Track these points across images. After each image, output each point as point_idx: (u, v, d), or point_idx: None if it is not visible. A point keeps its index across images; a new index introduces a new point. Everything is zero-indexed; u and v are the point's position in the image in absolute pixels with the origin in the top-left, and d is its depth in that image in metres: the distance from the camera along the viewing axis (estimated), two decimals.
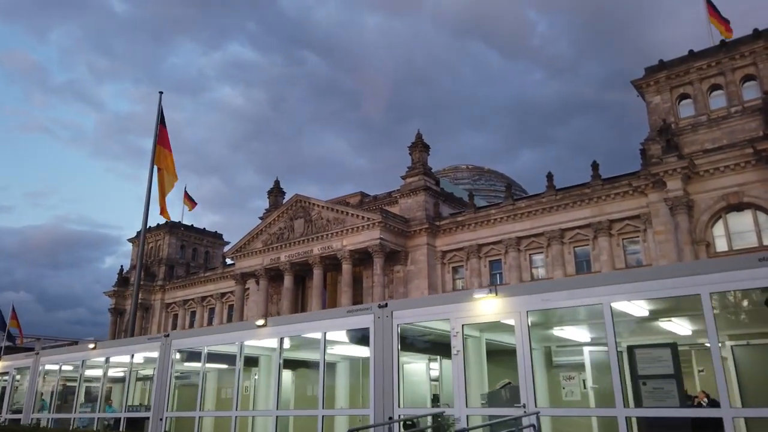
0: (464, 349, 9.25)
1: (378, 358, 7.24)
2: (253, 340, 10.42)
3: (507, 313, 7.42)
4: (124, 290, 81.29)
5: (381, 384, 7.18)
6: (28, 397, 15.75)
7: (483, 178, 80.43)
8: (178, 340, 10.86)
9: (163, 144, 33.21)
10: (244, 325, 11.11)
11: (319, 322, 9.03)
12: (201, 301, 74.36)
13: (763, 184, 41.94)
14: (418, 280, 55.22)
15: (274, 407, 8.94)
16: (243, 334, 10.15)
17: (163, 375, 10.67)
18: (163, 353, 10.83)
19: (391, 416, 6.89)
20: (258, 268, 61.96)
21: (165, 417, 10.36)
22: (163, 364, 10.74)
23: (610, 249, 48.07)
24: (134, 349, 13.05)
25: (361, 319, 8.11)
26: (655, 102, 48.78)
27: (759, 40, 44.76)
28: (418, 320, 7.85)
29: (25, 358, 17.88)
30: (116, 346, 15.50)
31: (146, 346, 11.45)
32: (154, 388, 10.74)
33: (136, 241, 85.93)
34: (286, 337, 9.30)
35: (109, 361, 14.06)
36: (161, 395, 10.47)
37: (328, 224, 57.74)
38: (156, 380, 10.71)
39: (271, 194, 70.00)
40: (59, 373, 15.83)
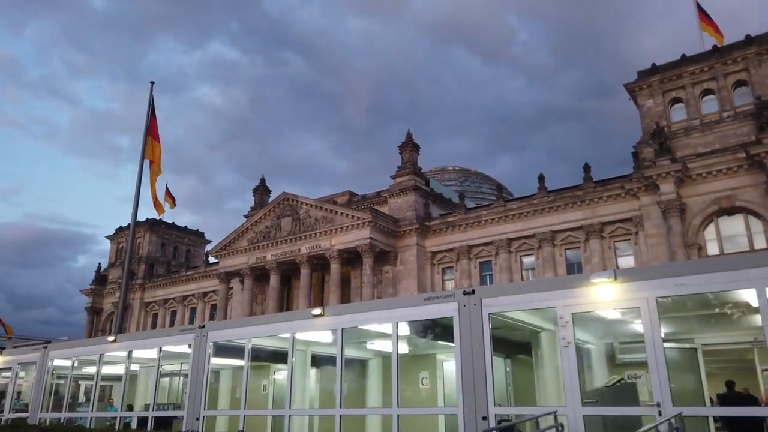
0: (537, 346, 8.48)
1: (466, 352, 6.41)
2: (305, 332, 9.45)
3: (629, 300, 6.62)
4: (101, 288, 79.12)
5: (471, 380, 6.34)
6: (35, 395, 14.47)
7: (469, 179, 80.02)
8: (216, 332, 9.81)
9: (154, 135, 32.03)
10: (297, 314, 10.12)
11: (389, 311, 8.07)
12: (182, 300, 72.56)
13: (755, 189, 42.06)
14: (408, 280, 54.42)
15: (338, 406, 8.02)
16: (295, 324, 9.14)
17: (198, 370, 9.64)
18: (197, 346, 9.79)
19: (485, 416, 6.08)
20: (243, 267, 60.56)
21: (202, 416, 9.34)
22: (199, 359, 9.72)
23: (601, 251, 47.86)
24: (162, 342, 11.88)
25: (443, 308, 7.22)
26: (647, 106, 48.75)
27: (751, 46, 45.00)
28: (514, 308, 7.02)
29: (31, 352, 16.43)
30: (141, 339, 14.22)
31: (177, 338, 10.38)
32: (189, 385, 9.68)
33: (114, 238, 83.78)
34: (346, 328, 8.36)
35: (132, 356, 12.88)
36: (197, 393, 9.45)
37: (316, 223, 56.65)
38: (191, 376, 9.65)
39: (256, 192, 68.66)
40: (72, 368, 14.60)
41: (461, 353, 6.49)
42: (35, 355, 15.25)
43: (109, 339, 13.64)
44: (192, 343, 9.94)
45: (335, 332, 8.31)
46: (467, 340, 6.50)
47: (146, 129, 31.45)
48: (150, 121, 31.81)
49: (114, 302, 76.85)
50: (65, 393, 14.49)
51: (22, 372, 16.41)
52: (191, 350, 9.92)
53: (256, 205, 67.56)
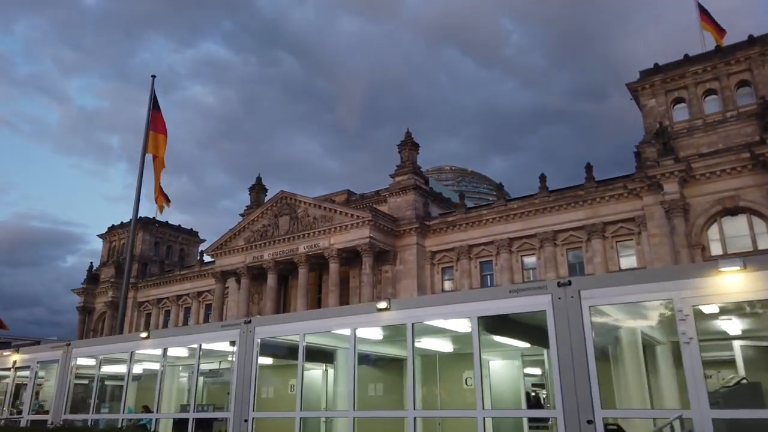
0: (617, 344, 7.82)
1: (564, 349, 5.75)
2: (367, 328, 8.70)
3: (760, 291, 5.99)
4: (93, 288, 77.71)
5: (571, 380, 5.69)
6: (58, 396, 13.54)
7: (466, 179, 79.50)
8: (263, 328, 9.04)
9: (157, 129, 31.23)
10: (360, 308, 9.34)
11: (467, 305, 7.31)
12: (176, 300, 71.37)
13: (759, 189, 41.80)
14: (407, 280, 53.74)
15: (411, 407, 7.31)
16: (357, 319, 8.37)
17: (245, 369, 8.86)
18: (243, 343, 9.02)
19: (590, 419, 5.44)
20: (240, 266, 59.58)
21: (251, 418, 8.57)
22: (245, 357, 8.94)
23: (603, 251, 47.42)
24: (201, 338, 10.97)
25: (533, 301, 6.51)
26: (650, 105, 48.45)
27: (754, 47, 44.81)
28: (619, 300, 6.36)
29: (51, 350, 15.48)
30: (177, 335, 13.34)
31: (218, 335, 9.56)
32: (234, 385, 8.90)
33: (107, 237, 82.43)
34: (416, 323, 7.64)
35: (167, 354, 11.95)
36: (244, 393, 8.69)
37: (315, 222, 55.82)
38: (236, 376, 8.89)
39: (252, 191, 67.66)
40: (98, 367, 13.54)
41: (558, 350, 5.83)
42: (56, 353, 14.30)
43: (141, 335, 12.68)
44: (237, 340, 9.17)
45: (401, 328, 7.59)
46: (565, 336, 5.84)
47: (147, 123, 30.64)
48: (152, 115, 31.03)
49: (106, 302, 75.55)
50: (89, 393, 13.60)
51: (41, 371, 15.48)
52: (236, 347, 9.16)
53: (252, 204, 66.57)
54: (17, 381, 15.61)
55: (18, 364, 15.52)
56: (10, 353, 16.11)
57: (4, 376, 16.75)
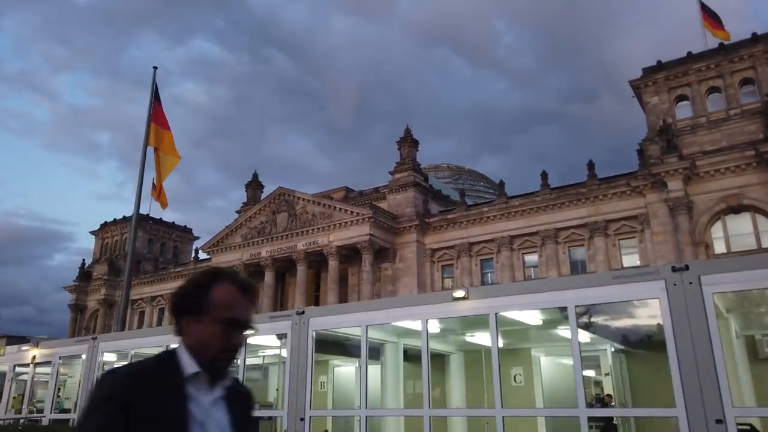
0: None
1: (684, 341, 5.11)
2: (437, 319, 7.93)
3: None
4: (85, 285, 76.31)
5: (693, 376, 5.04)
6: (83, 394, 12.60)
7: (463, 177, 79.00)
8: (319, 319, 8.24)
9: (159, 122, 30.38)
10: (432, 297, 8.54)
11: (562, 293, 6.56)
12: (171, 298, 70.18)
13: (763, 187, 41.51)
14: (407, 278, 53.05)
15: (499, 406, 6.59)
16: (430, 309, 7.54)
17: (298, 364, 8.05)
18: (296, 336, 8.19)
19: (719, 419, 4.80)
20: (237, 264, 58.53)
21: (308, 416, 7.76)
22: (299, 350, 8.10)
23: (606, 249, 46.98)
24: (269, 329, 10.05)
25: (642, 288, 5.83)
26: (653, 103, 48.10)
27: (758, 44, 44.54)
28: (748, 286, 5.72)
29: (75, 344, 14.37)
30: None
31: (267, 326, 8.67)
32: (287, 381, 8.08)
33: (99, 234, 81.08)
34: (499, 312, 6.90)
35: None
36: (299, 390, 7.87)
37: (313, 219, 54.98)
38: (290, 371, 8.08)
39: (249, 187, 66.72)
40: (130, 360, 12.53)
41: (676, 343, 5.18)
42: (81, 347, 13.23)
43: None
44: (288, 332, 8.33)
45: (484, 318, 6.84)
46: (683, 326, 5.18)
47: (149, 116, 29.79)
48: (154, 107, 30.20)
49: (99, 299, 74.21)
50: None
51: (64, 368, 14.46)
52: (288, 340, 8.33)
53: (249, 201, 65.64)
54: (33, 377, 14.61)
55: (38, 360, 14.55)
56: (29, 348, 15.10)
57: (21, 372, 15.77)
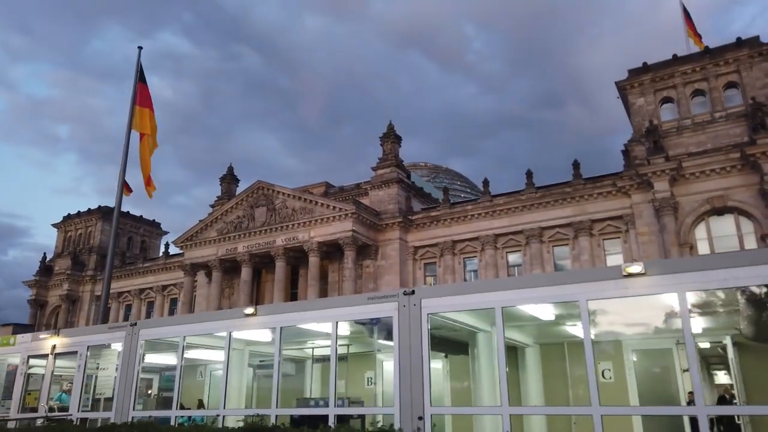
0: None
1: None
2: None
3: None
4: (46, 280, 72.65)
5: None
6: (123, 388, 10.78)
7: (441, 175, 78.37)
8: (432, 300, 6.92)
9: (144, 104, 28.59)
10: (586, 274, 7.17)
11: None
12: (139, 293, 67.37)
13: (747, 189, 41.86)
14: (390, 275, 51.90)
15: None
16: (590, 288, 6.19)
17: (411, 354, 6.74)
18: (405, 320, 6.88)
19: None
20: (212, 259, 56.45)
21: (429, 414, 6.50)
22: (410, 337, 6.73)
23: (590, 249, 46.76)
24: (338, 314, 8.41)
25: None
26: (638, 104, 48.11)
27: (743, 49, 44.93)
28: None
29: (109, 331, 12.43)
30: (301, 310, 10.20)
31: (365, 309, 7.35)
32: (398, 375, 6.76)
33: (62, 226, 77.41)
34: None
35: (281, 335, 9.18)
36: (413, 385, 6.56)
37: (294, 214, 53.30)
38: (399, 363, 6.78)
39: (224, 181, 64.47)
40: (181, 353, 10.56)
41: None
42: (115, 335, 11.48)
43: (246, 311, 9.99)
44: (394, 316, 7.05)
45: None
46: None
47: (133, 98, 28.05)
48: (140, 89, 28.42)
49: (61, 295, 70.73)
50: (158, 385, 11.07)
51: (96, 359, 12.54)
52: (395, 325, 7.06)
53: (224, 195, 63.44)
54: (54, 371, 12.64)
55: (59, 350, 12.71)
56: (48, 336, 13.21)
57: (37, 364, 13.83)
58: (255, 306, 9.96)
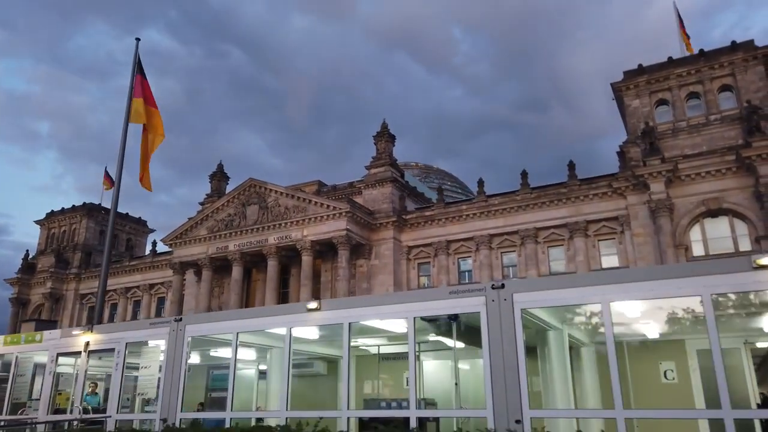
0: None
1: None
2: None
3: None
4: (29, 278, 70.87)
5: None
6: (169, 388, 9.98)
7: (431, 175, 78.05)
8: (524, 295, 6.36)
9: (145, 98, 27.81)
10: (710, 266, 6.54)
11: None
12: (125, 292, 65.98)
13: (742, 191, 42.05)
14: (383, 275, 51.33)
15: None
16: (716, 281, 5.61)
17: (503, 351, 6.19)
18: (495, 315, 6.31)
19: None
20: (202, 258, 55.40)
21: (528, 417, 5.89)
22: (502, 334, 6.17)
23: (585, 250, 46.65)
24: (415, 309, 7.67)
25: None
26: (633, 105, 48.18)
27: (738, 52, 45.18)
28: None
29: (150, 327, 11.69)
30: (369, 305, 9.53)
31: (445, 304, 6.79)
32: (489, 374, 6.20)
33: (45, 223, 75.66)
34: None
35: (350, 330, 8.58)
36: (508, 384, 5.97)
37: (286, 212, 52.49)
38: (490, 361, 6.21)
39: (213, 178, 63.43)
40: (235, 348, 9.71)
41: None
42: (157, 331, 10.69)
43: (309, 306, 9.27)
44: (483, 311, 6.48)
45: None
46: None
47: (130, 91, 27.24)
48: (136, 81, 27.60)
49: (44, 293, 69.03)
50: (206, 384, 10.25)
51: (131, 357, 11.68)
52: (484, 322, 6.51)
53: (213, 193, 62.41)
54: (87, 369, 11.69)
55: (92, 347, 11.87)
56: (80, 332, 12.33)
57: (66, 363, 12.77)
58: (318, 300, 9.38)
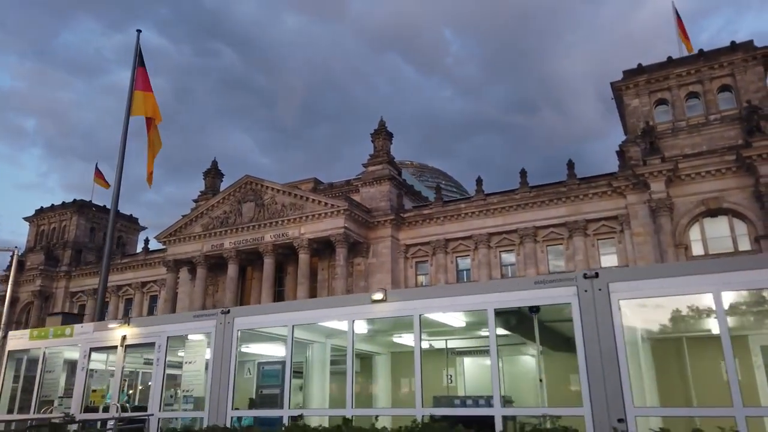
0: None
1: None
2: None
3: None
4: (18, 276, 69.59)
5: None
6: (215, 384, 9.36)
7: (426, 174, 77.66)
8: (622, 284, 5.90)
9: (146, 89, 27.26)
10: None
11: None
12: (116, 290, 64.83)
13: (742, 191, 42.02)
14: (381, 274, 50.78)
15: None
16: None
17: (601, 346, 5.70)
18: (590, 307, 5.88)
19: None
20: (196, 255, 54.51)
21: (632, 416, 5.38)
22: (600, 326, 5.72)
23: (585, 249, 46.44)
24: (496, 300, 7.10)
25: None
26: (633, 105, 48.06)
27: (737, 53, 45.20)
28: None
29: (193, 319, 10.85)
30: (446, 296, 8.76)
31: (530, 294, 6.31)
32: (586, 369, 5.70)
33: (34, 220, 74.29)
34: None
35: (421, 321, 7.98)
36: (608, 381, 5.47)
37: (283, 210, 51.79)
38: (585, 354, 5.72)
39: (208, 175, 62.51)
40: (290, 341, 9.15)
41: None
42: (204, 324, 9.97)
43: (374, 297, 8.69)
44: (574, 301, 6.02)
45: None
46: None
47: (132, 82, 26.69)
48: (138, 73, 27.04)
49: (34, 291, 67.74)
50: (257, 381, 9.56)
51: (176, 353, 11.00)
52: (576, 315, 6.04)
53: (208, 190, 61.49)
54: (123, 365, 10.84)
55: (129, 341, 11.36)
56: (117, 325, 11.57)
57: (98, 359, 12.11)
58: (385, 291, 8.84)
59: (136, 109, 26.69)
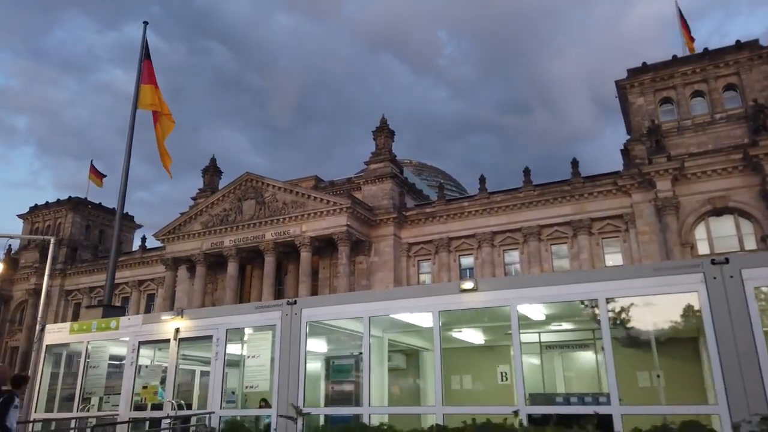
0: None
1: None
2: None
3: None
4: (11, 274, 68.09)
5: None
6: (284, 380, 8.64)
7: (425, 173, 77.12)
8: (758, 270, 5.35)
9: (152, 83, 26.71)
10: None
11: None
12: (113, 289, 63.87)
13: (748, 190, 41.76)
14: (383, 272, 50.14)
15: None
16: None
17: (736, 336, 5.22)
18: (719, 295, 5.33)
19: None
20: (196, 253, 53.62)
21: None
22: (733, 316, 5.25)
23: (589, 248, 45.98)
24: (609, 289, 6.58)
25: None
26: (638, 103, 47.70)
27: (743, 51, 44.95)
28: None
29: (255, 311, 10.01)
30: (547, 284, 7.97)
31: (648, 282, 5.76)
32: (715, 362, 5.15)
33: (29, 218, 73.04)
34: None
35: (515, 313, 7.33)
36: (746, 375, 4.97)
37: (284, 207, 51.02)
38: (716, 346, 5.18)
39: (206, 173, 61.62)
40: (368, 332, 8.54)
41: None
42: (268, 315, 9.23)
43: (463, 286, 8.08)
44: (701, 292, 5.43)
45: None
46: None
47: (138, 76, 26.13)
48: (144, 66, 26.47)
49: (28, 289, 66.55)
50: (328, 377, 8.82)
51: (239, 346, 10.06)
52: (704, 303, 5.48)
53: (206, 187, 60.63)
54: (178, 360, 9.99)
55: (183, 334, 10.48)
56: (169, 318, 10.77)
57: (146, 355, 11.30)
58: (475, 279, 8.20)
59: (143, 103, 26.17)
